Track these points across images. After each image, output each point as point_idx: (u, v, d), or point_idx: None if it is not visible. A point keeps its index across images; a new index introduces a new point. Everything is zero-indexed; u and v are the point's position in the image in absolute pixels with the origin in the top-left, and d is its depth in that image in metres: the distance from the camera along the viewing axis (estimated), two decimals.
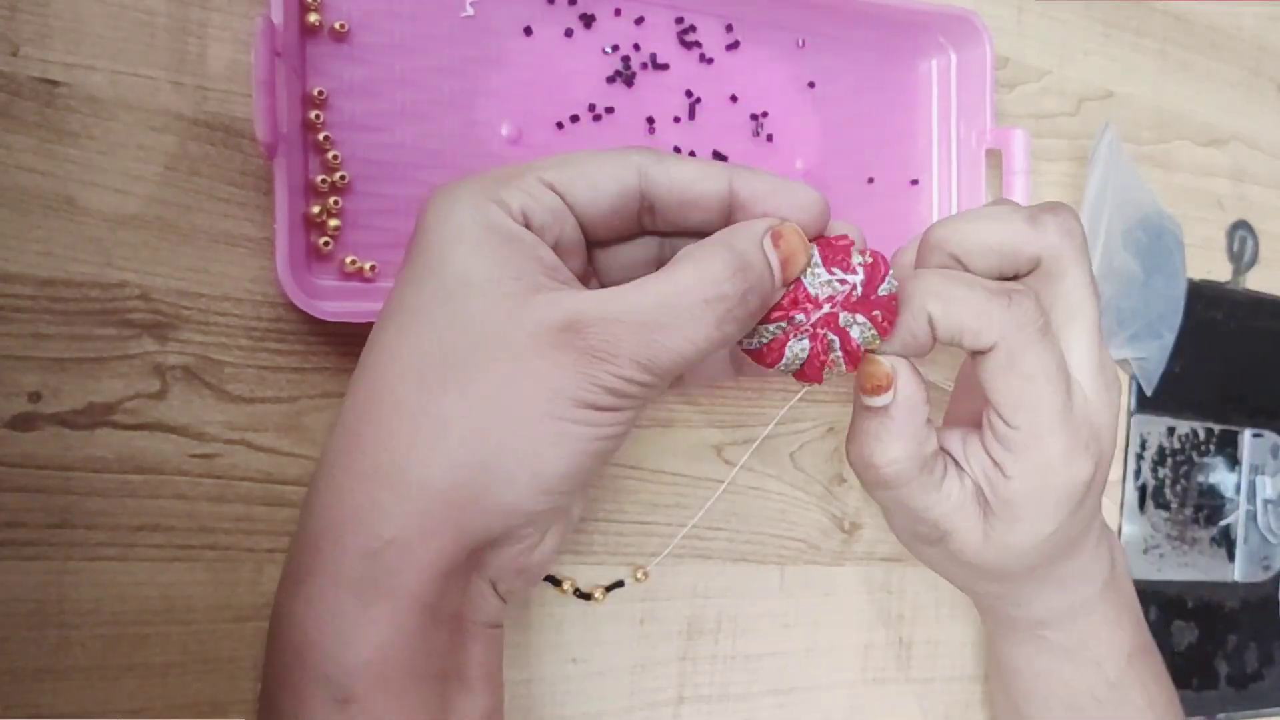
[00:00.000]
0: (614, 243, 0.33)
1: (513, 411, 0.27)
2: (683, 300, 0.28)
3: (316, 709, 0.27)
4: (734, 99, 0.47)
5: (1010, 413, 0.33)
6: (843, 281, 0.31)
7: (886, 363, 0.33)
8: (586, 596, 0.43)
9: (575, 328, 0.27)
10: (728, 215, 0.31)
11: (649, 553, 0.45)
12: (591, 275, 0.34)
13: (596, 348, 0.27)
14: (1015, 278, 0.35)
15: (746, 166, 0.31)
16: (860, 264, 0.31)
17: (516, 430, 0.27)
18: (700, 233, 0.31)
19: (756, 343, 0.31)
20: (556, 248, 0.30)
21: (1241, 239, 0.64)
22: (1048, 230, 0.34)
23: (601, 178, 0.30)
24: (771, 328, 0.31)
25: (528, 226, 0.29)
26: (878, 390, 0.33)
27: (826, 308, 0.31)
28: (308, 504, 0.29)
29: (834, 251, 0.31)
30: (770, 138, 0.47)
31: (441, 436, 0.27)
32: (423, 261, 0.28)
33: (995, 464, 0.34)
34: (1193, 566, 0.61)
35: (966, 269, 0.34)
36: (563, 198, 0.29)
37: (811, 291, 0.31)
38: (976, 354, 0.33)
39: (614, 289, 0.28)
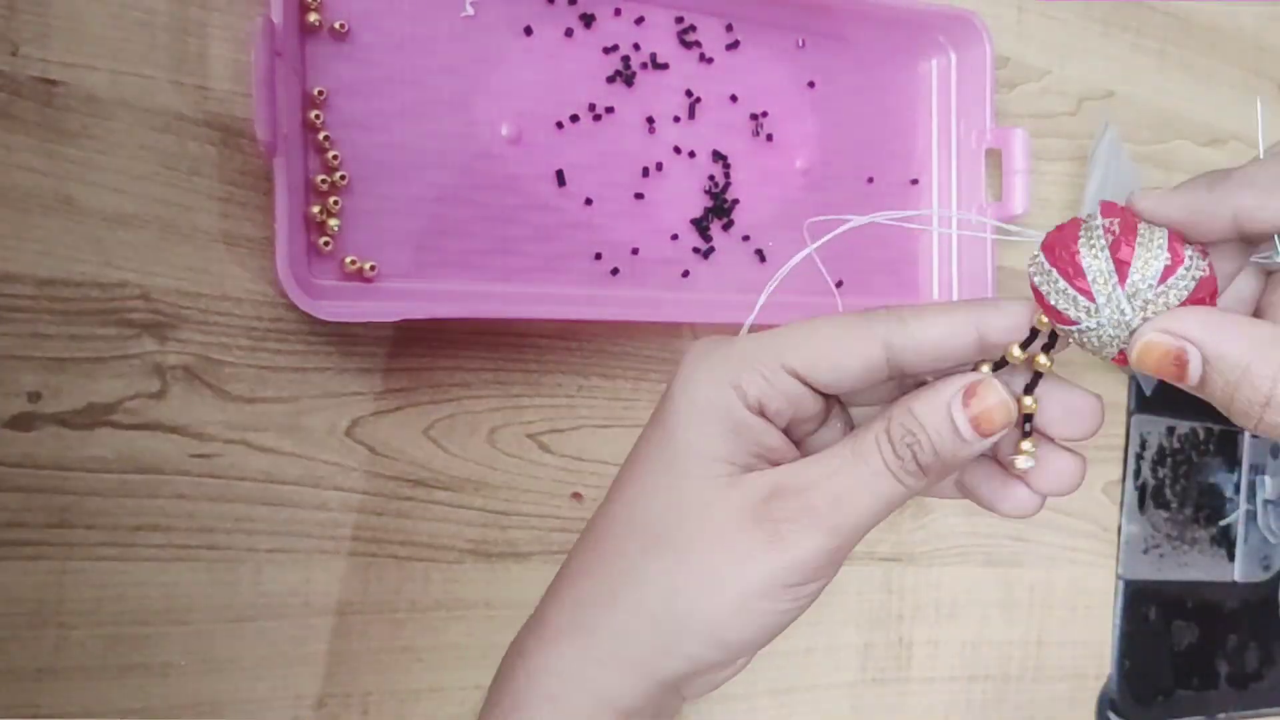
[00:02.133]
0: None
1: (705, 584, 0.29)
2: (867, 462, 0.29)
3: None
4: (734, 99, 0.47)
5: None
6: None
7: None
8: None
9: (774, 498, 0.29)
10: (981, 353, 0.30)
11: None
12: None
13: (792, 518, 0.29)
14: None
15: (993, 302, 0.30)
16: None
17: (708, 601, 0.29)
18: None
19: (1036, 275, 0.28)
20: (792, 421, 0.31)
21: None
22: None
23: (845, 358, 0.29)
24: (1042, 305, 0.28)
25: (762, 413, 0.30)
26: (1181, 361, 0.27)
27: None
28: (548, 595, 0.33)
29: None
30: (770, 137, 0.47)
31: (641, 594, 0.30)
32: (661, 427, 0.31)
33: None
34: (1193, 566, 0.61)
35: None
36: (804, 380, 0.30)
37: (1085, 326, 0.27)
38: None
39: (809, 459, 0.30)
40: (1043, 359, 0.29)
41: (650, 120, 0.45)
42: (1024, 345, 0.29)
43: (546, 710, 0.31)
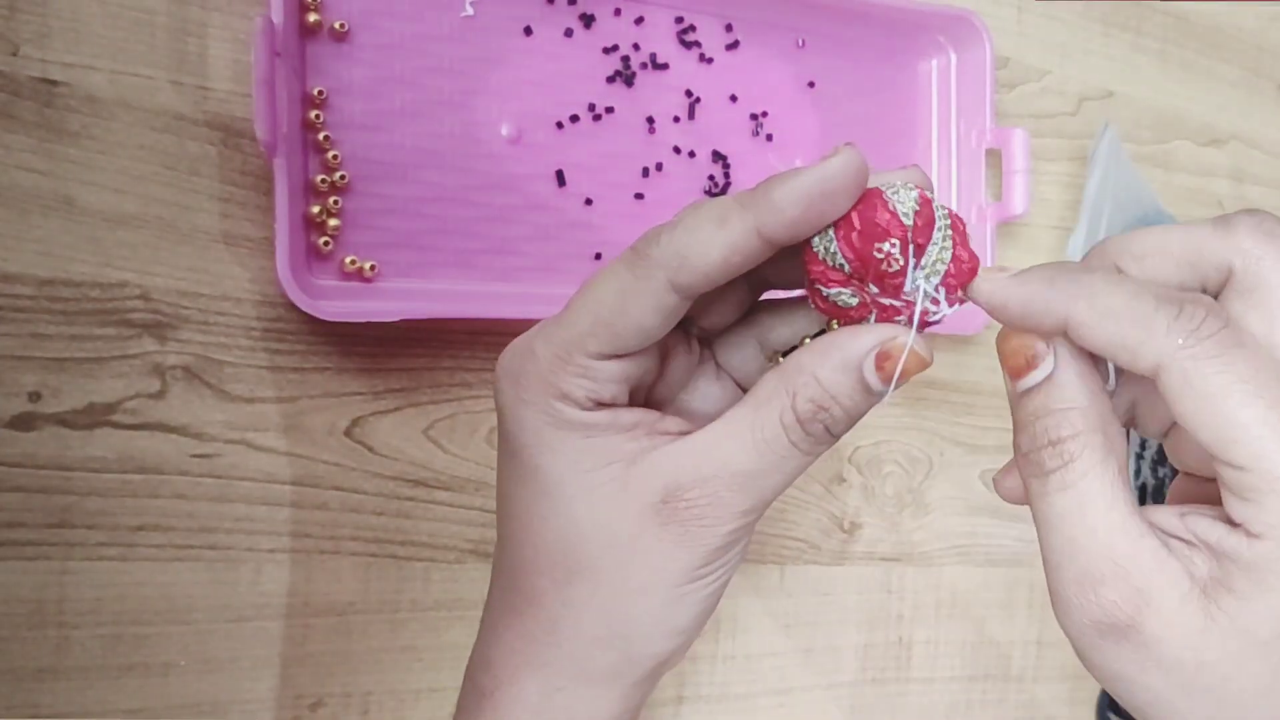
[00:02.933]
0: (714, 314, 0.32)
1: (633, 595, 0.29)
2: (774, 447, 0.28)
3: None
4: (734, 99, 0.47)
5: (1225, 449, 0.24)
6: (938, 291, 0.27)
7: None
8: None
9: (674, 497, 0.28)
10: (766, 256, 0.28)
11: None
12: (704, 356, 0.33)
13: (700, 514, 0.28)
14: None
15: (764, 199, 0.26)
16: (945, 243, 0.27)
17: (642, 609, 0.29)
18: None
19: (834, 263, 0.27)
20: (639, 385, 0.30)
21: None
22: (1238, 233, 0.27)
23: (642, 317, 0.27)
24: (854, 277, 0.27)
25: (600, 405, 0.29)
26: (1031, 364, 0.27)
27: (916, 300, 0.27)
28: (487, 636, 0.32)
29: (959, 268, 0.27)
30: (770, 137, 0.47)
31: (579, 621, 0.30)
32: (515, 464, 0.30)
33: (1234, 525, 0.25)
34: None
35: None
36: (616, 356, 0.28)
37: (907, 289, 0.27)
38: (1161, 387, 0.25)
39: (704, 439, 0.28)
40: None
41: (650, 120, 0.45)
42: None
43: None
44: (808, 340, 0.30)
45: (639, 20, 0.45)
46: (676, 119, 0.45)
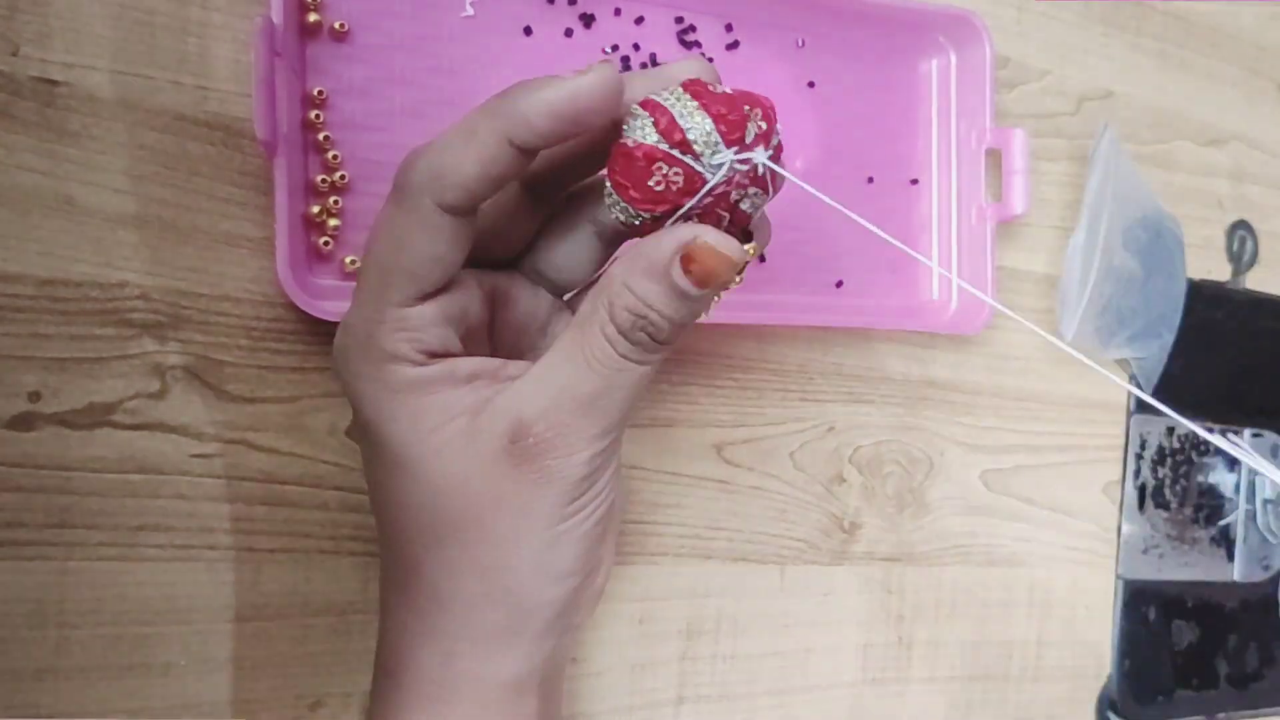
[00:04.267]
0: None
1: (506, 543, 0.28)
2: (605, 363, 0.27)
3: None
4: None
5: None
6: (744, 162, 0.27)
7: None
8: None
9: (522, 434, 0.27)
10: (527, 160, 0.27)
11: (650, 552, 0.45)
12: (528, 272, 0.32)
13: (550, 447, 0.27)
14: None
15: (509, 101, 0.26)
16: (756, 132, 0.27)
17: (519, 555, 0.28)
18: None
19: (634, 221, 0.27)
20: (470, 329, 0.29)
21: (1241, 239, 0.64)
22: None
23: (437, 248, 0.27)
24: (657, 213, 0.27)
25: (433, 357, 0.28)
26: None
27: (723, 189, 0.27)
28: (384, 617, 0.32)
29: (730, 126, 0.27)
30: None
31: (459, 582, 0.29)
32: (367, 443, 0.30)
33: None
34: (1193, 566, 0.61)
35: None
36: (427, 295, 0.28)
37: (709, 178, 0.26)
38: None
39: (537, 371, 0.28)
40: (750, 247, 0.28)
41: None
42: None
43: (436, 711, 0.30)
44: None
45: (639, 20, 0.45)
46: None
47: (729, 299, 0.46)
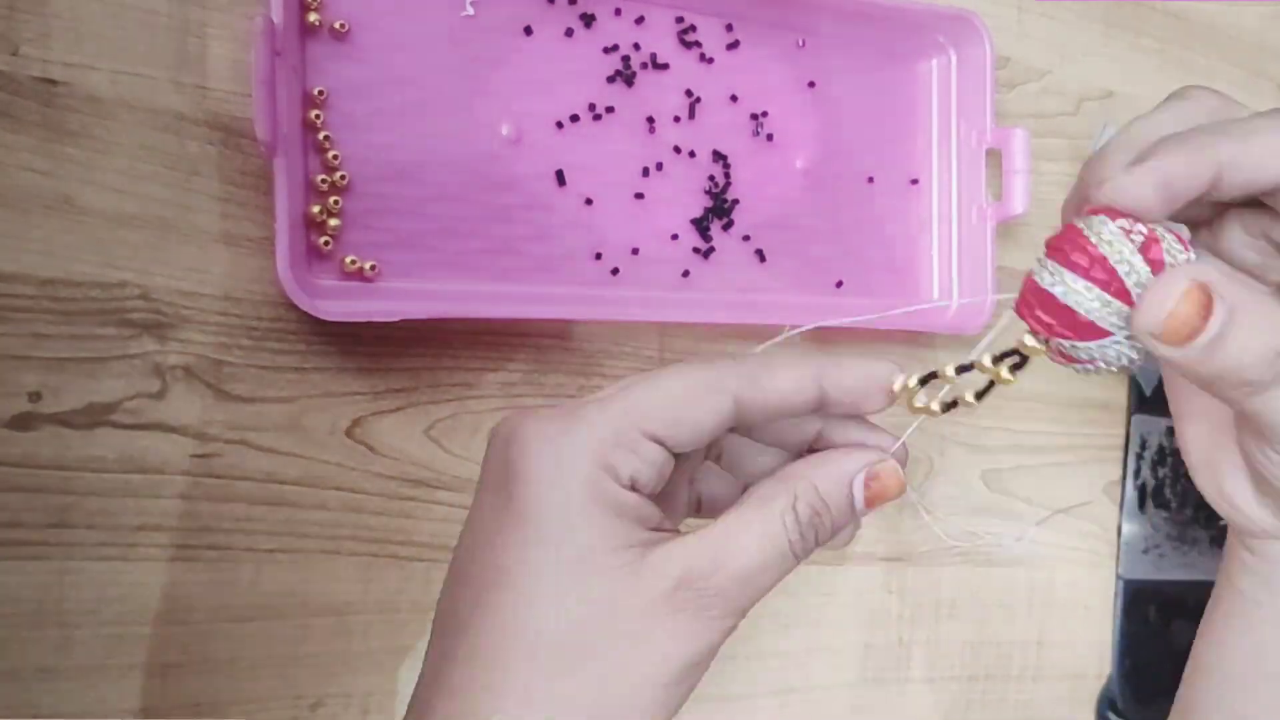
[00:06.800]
0: None
1: (634, 685, 0.28)
2: (776, 545, 0.28)
3: None
4: (734, 99, 0.47)
5: None
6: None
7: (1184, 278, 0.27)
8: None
9: (686, 585, 0.28)
10: (815, 408, 0.30)
11: None
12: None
13: (709, 604, 0.28)
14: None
15: (833, 360, 0.30)
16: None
17: (638, 699, 0.28)
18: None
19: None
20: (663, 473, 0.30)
21: None
22: None
23: (702, 416, 0.28)
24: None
25: (634, 488, 0.28)
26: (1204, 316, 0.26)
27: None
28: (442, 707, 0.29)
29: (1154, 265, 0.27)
30: (770, 137, 0.47)
31: (571, 707, 0.28)
32: (533, 525, 0.28)
33: None
34: (1193, 566, 0.61)
35: None
36: (664, 444, 0.28)
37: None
38: None
39: (716, 532, 0.29)
40: (970, 398, 0.31)
41: (650, 120, 0.45)
42: (995, 361, 0.30)
43: None
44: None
45: (639, 20, 0.45)
46: (677, 119, 0.45)
47: (729, 299, 0.46)
